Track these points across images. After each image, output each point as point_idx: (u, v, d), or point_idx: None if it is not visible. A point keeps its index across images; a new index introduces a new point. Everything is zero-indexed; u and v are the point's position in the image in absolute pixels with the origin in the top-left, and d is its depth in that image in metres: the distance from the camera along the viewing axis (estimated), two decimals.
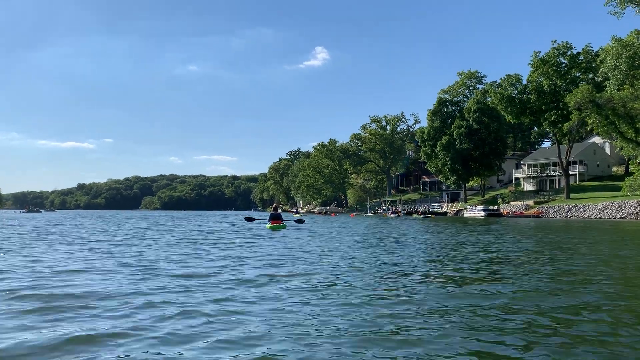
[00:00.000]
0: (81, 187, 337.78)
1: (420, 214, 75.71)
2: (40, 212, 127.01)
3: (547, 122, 68.64)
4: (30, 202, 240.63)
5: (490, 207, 72.71)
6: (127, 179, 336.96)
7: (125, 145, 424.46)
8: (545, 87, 67.30)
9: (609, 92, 52.67)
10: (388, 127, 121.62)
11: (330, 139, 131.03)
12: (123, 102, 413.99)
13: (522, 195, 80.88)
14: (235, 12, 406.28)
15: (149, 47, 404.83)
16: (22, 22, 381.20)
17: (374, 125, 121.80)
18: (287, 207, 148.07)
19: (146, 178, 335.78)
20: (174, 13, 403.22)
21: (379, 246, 15.99)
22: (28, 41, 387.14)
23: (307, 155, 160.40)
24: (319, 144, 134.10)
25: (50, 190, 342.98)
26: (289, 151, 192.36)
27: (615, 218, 56.66)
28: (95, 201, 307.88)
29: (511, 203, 76.78)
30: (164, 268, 10.04)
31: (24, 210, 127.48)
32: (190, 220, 52.65)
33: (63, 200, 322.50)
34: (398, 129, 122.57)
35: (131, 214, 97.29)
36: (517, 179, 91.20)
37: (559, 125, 65.96)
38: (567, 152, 72.52)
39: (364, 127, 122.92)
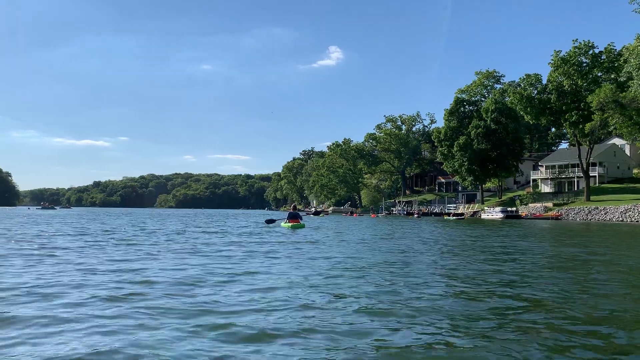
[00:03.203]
0: (97, 184, 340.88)
1: (452, 215, 74.12)
2: (55, 208, 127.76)
3: (567, 122, 67.41)
4: (47, 199, 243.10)
5: (509, 209, 71.65)
6: (142, 177, 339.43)
7: (141, 143, 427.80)
8: (566, 87, 66.09)
9: (632, 92, 51.49)
10: (403, 127, 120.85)
11: (344, 139, 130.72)
12: (137, 101, 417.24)
13: (540, 197, 79.59)
14: (248, 12, 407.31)
15: (163, 46, 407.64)
16: (37, 23, 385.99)
17: (389, 125, 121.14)
18: (300, 207, 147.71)
19: (161, 176, 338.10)
20: (187, 12, 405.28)
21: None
22: (43, 41, 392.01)
23: (321, 154, 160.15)
24: (333, 144, 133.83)
25: (66, 188, 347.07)
26: (303, 151, 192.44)
27: (638, 221, 55.38)
28: (111, 199, 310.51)
29: (529, 205, 75.58)
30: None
31: (40, 207, 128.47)
32: (227, 219, 51.33)
33: (79, 197, 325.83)
34: (414, 129, 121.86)
35: (157, 212, 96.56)
36: (534, 180, 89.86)
37: (580, 126, 64.77)
38: (587, 154, 71.17)
39: (379, 127, 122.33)
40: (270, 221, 29.23)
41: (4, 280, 7.75)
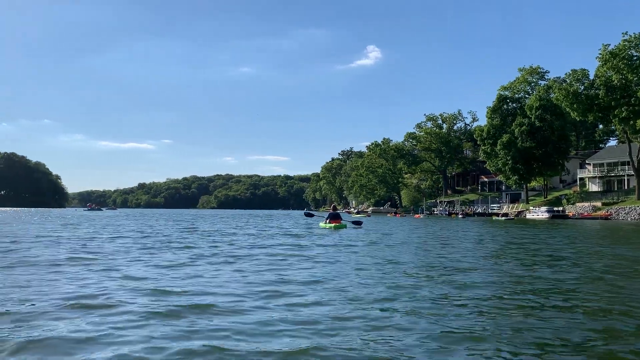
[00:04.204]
0: (142, 186, 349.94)
1: (501, 216, 71.14)
2: (102, 210, 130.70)
3: (617, 118, 64.92)
4: (94, 200, 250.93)
5: (555, 209, 69.62)
6: (185, 179, 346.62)
7: (183, 146, 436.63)
8: (615, 81, 63.62)
9: None
10: (444, 126, 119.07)
11: (384, 139, 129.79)
12: (180, 104, 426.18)
13: (588, 196, 76.98)
14: (285, 14, 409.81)
15: (204, 50, 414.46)
16: (85, 30, 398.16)
17: (429, 124, 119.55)
18: (339, 207, 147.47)
19: (203, 178, 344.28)
20: (226, 16, 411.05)
21: None
22: (90, 48, 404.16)
23: (360, 155, 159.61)
24: (372, 144, 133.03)
25: (112, 190, 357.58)
26: (342, 151, 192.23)
27: None
28: (155, 200, 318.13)
29: (577, 204, 73.22)
30: None
31: (87, 209, 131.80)
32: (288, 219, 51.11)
33: (124, 199, 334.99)
34: (455, 128, 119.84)
35: (202, 213, 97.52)
36: (581, 179, 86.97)
37: (631, 122, 62.29)
38: (638, 151, 68.36)
39: (419, 126, 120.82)
40: (309, 214, 29.65)
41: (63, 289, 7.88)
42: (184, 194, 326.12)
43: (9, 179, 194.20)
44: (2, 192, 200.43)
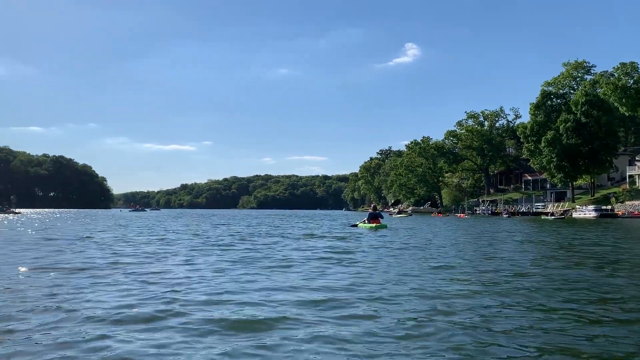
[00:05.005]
0: (184, 187, 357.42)
1: (550, 215, 68.54)
2: (145, 210, 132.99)
3: None
4: (138, 201, 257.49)
5: (603, 207, 67.19)
6: (225, 180, 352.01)
7: (223, 147, 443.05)
8: None
9: None
10: (486, 123, 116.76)
11: (423, 137, 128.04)
12: (220, 106, 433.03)
13: (638, 194, 73.97)
14: (322, 14, 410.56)
15: (242, 53, 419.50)
16: (122, 35, 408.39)
17: (470, 122, 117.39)
18: (378, 207, 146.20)
19: (243, 178, 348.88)
20: (262, 18, 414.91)
21: None
22: (134, 52, 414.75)
23: (399, 154, 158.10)
24: (411, 142, 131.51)
25: (156, 190, 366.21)
26: (380, 150, 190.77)
27: None
28: (197, 200, 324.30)
29: (626, 203, 70.48)
30: None
31: (131, 209, 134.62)
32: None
33: (168, 199, 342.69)
34: (497, 125, 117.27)
35: (247, 213, 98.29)
36: (631, 176, 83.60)
37: None
38: None
39: (459, 124, 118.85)
40: (354, 226, 29.30)
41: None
42: (225, 194, 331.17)
43: (58, 181, 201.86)
44: (52, 194, 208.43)
